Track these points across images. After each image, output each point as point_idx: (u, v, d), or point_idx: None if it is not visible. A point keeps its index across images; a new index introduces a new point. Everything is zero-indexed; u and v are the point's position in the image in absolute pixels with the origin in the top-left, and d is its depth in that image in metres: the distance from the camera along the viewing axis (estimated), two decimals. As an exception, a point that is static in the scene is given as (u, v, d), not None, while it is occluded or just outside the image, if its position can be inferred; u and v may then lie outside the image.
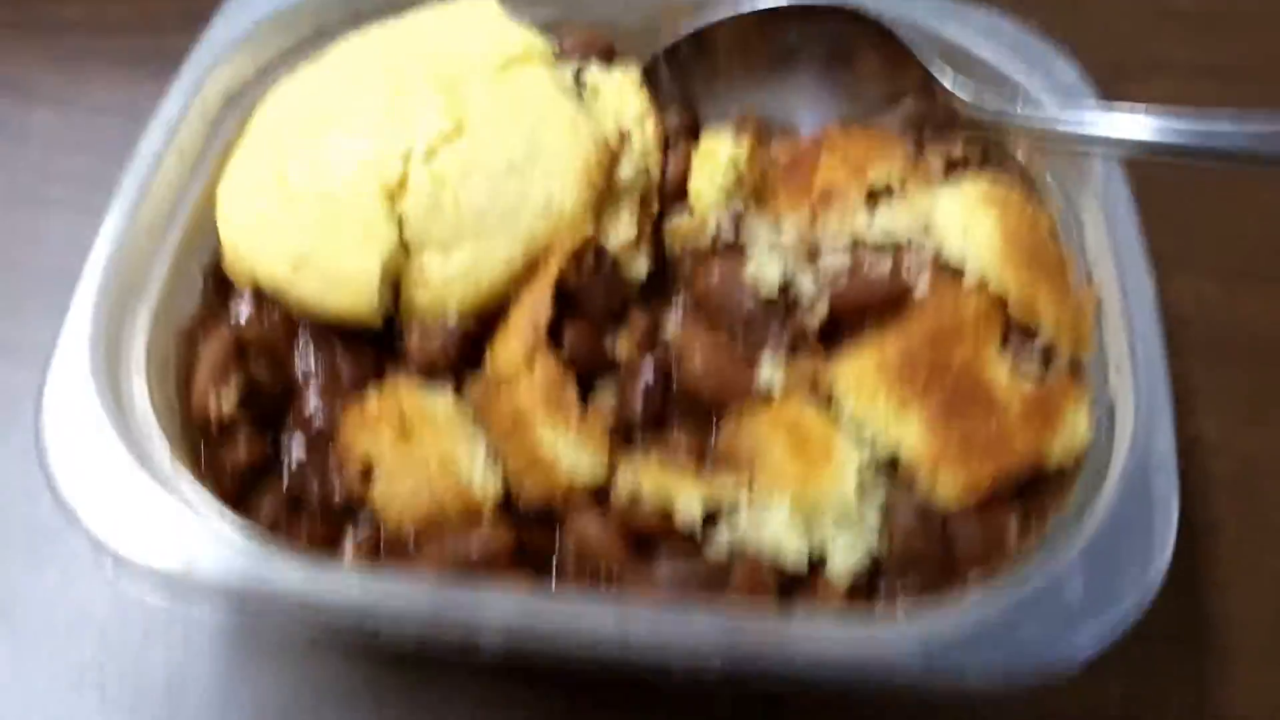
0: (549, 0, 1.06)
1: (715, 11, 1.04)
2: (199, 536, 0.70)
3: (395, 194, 0.84)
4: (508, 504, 0.79)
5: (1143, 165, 0.95)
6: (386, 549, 0.80)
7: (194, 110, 0.91)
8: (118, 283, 0.82)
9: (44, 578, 0.94)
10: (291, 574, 0.68)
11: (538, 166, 0.87)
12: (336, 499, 0.81)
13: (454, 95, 0.88)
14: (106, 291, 0.81)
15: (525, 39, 0.93)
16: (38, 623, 0.92)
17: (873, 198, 0.96)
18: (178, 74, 0.92)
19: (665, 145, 0.99)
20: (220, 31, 0.96)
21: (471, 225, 0.85)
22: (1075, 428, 0.81)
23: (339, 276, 0.82)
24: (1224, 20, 1.44)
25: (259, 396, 0.85)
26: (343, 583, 0.68)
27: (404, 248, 0.85)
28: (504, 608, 0.67)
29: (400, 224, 0.84)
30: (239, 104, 0.96)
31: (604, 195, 0.91)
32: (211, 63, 0.93)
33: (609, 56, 1.05)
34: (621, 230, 0.89)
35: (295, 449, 0.86)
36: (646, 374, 0.83)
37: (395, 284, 0.86)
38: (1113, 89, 1.25)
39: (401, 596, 0.68)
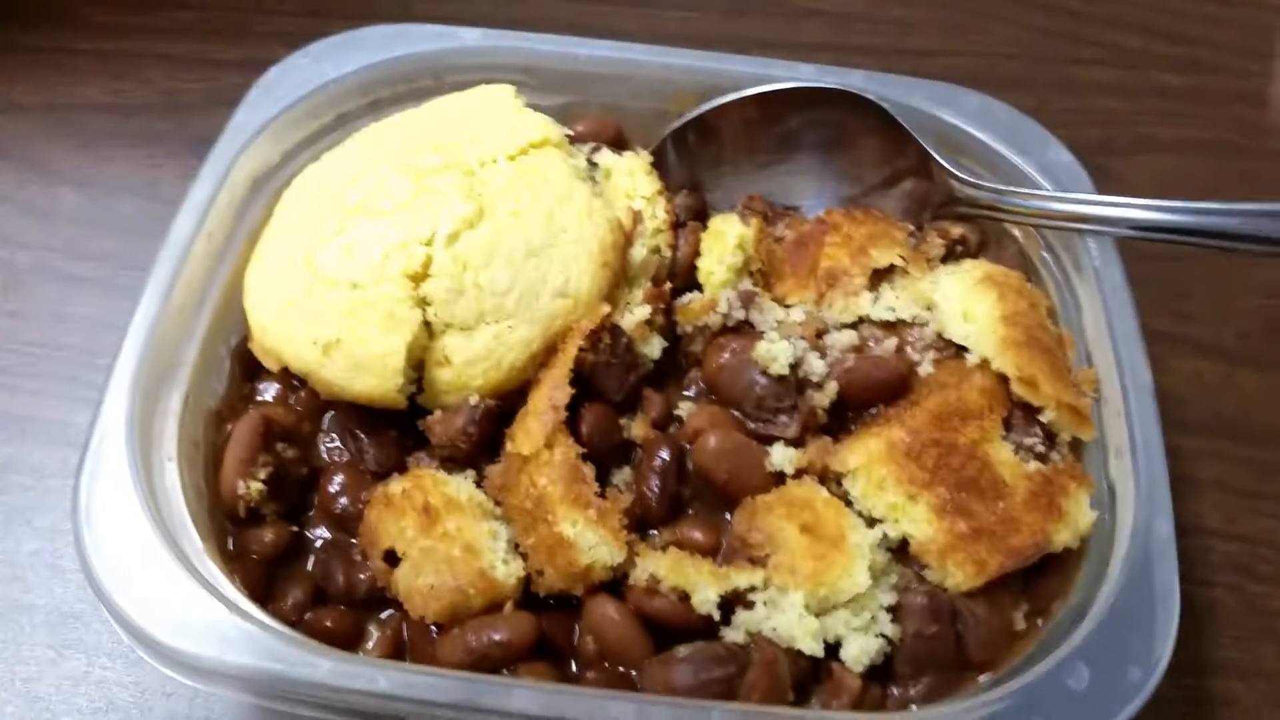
0: (562, 88, 1.10)
1: (721, 95, 1.08)
2: (228, 625, 0.72)
3: (419, 278, 0.87)
4: (528, 589, 0.82)
5: (1140, 248, 1.00)
6: (410, 635, 0.82)
7: (222, 196, 0.94)
8: (151, 366, 0.84)
9: (69, 661, 0.95)
10: (319, 665, 0.70)
11: (555, 249, 0.90)
12: (360, 592, 0.83)
13: (474, 180, 0.91)
14: (141, 374, 0.83)
15: (542, 125, 0.97)
16: (61, 706, 0.93)
17: (875, 278, 0.99)
18: (206, 159, 0.95)
19: (675, 226, 1.03)
20: (246, 118, 0.99)
21: (492, 307, 0.88)
22: (1079, 512, 0.83)
23: (366, 359, 0.85)
24: (1206, 95, 1.49)
25: (285, 480, 0.88)
26: (369, 674, 0.70)
27: (427, 330, 0.88)
28: (528, 699, 0.69)
29: (424, 307, 0.87)
30: (265, 188, 1.00)
31: (618, 275, 0.94)
32: (238, 149, 0.97)
33: (619, 142, 1.09)
34: (635, 310, 0.92)
35: (321, 531, 0.88)
36: (662, 455, 0.85)
37: (419, 365, 0.89)
38: (1103, 164, 1.30)
39: (428, 688, 0.69)
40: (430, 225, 0.88)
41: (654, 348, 0.93)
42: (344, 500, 0.87)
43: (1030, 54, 1.51)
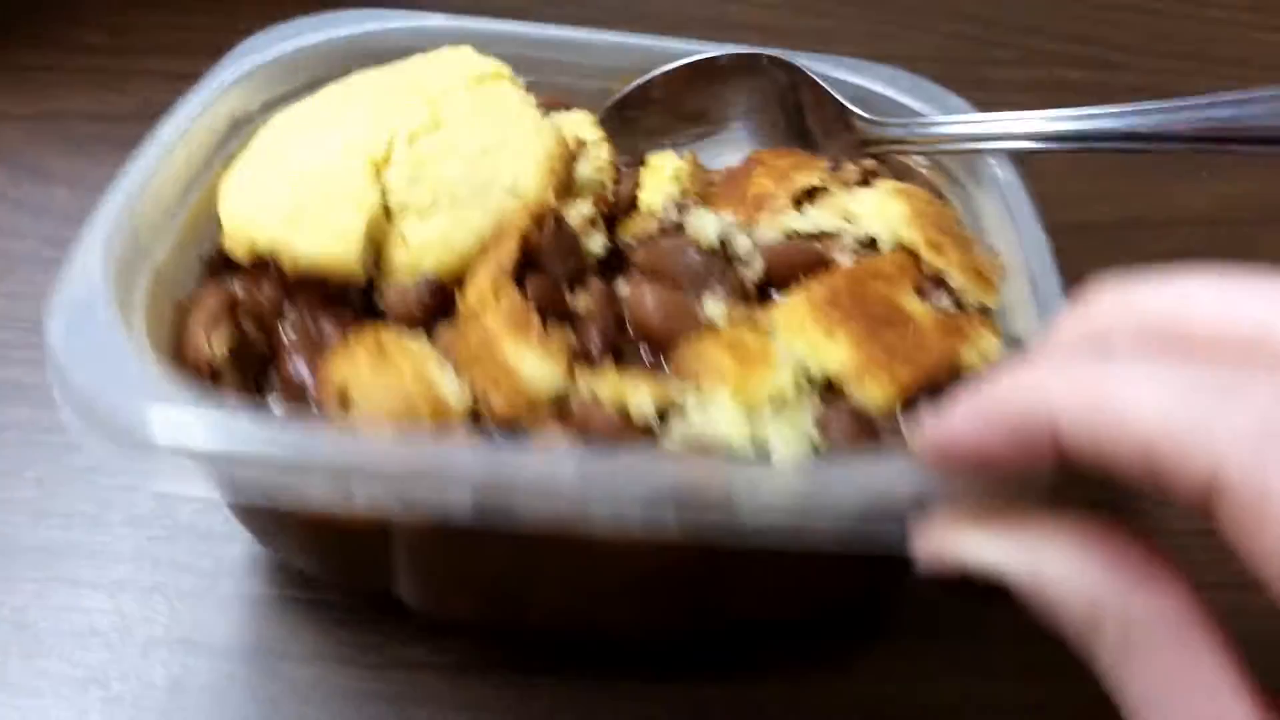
0: (520, 69, 1.20)
1: (656, 69, 1.21)
2: (200, 416, 0.76)
3: (380, 167, 0.96)
4: (476, 423, 0.86)
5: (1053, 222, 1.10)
6: (362, 466, 0.86)
7: (203, 120, 1.04)
8: (127, 234, 0.91)
9: (54, 594, 0.99)
10: (278, 437, 0.74)
11: (505, 151, 1.00)
12: None
13: (435, 103, 1.02)
14: (116, 236, 0.90)
15: (495, 64, 1.09)
16: (46, 631, 0.96)
17: (799, 202, 1.09)
18: (192, 90, 1.06)
19: (617, 169, 1.13)
20: (230, 65, 1.11)
21: (447, 197, 0.96)
22: (985, 342, 0.90)
23: (328, 230, 0.93)
24: (1110, 88, 1.65)
25: (247, 351, 0.93)
26: (325, 440, 0.74)
27: (386, 214, 0.96)
28: (473, 459, 0.73)
29: (384, 193, 0.95)
30: (242, 130, 1.09)
31: (564, 185, 1.04)
32: (220, 87, 1.07)
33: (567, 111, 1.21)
34: (582, 210, 1.01)
35: (280, 397, 0.93)
36: (604, 315, 0.92)
37: (377, 251, 0.96)
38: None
39: (376, 454, 0.73)
40: (392, 127, 0.98)
41: (596, 243, 1.01)
42: (303, 371, 0.92)
43: (947, 58, 1.70)
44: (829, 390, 0.89)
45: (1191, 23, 1.79)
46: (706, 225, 0.96)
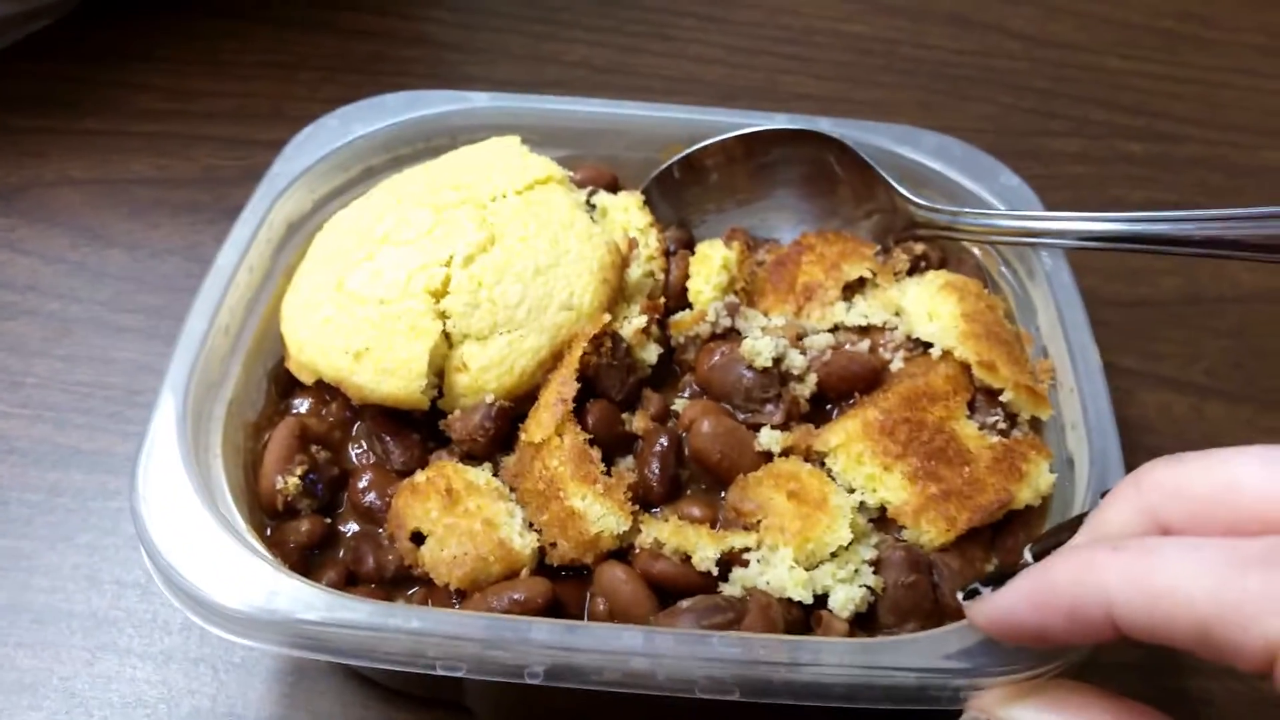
0: (563, 142, 1.23)
1: (702, 141, 1.21)
2: (274, 581, 0.80)
3: (439, 294, 0.98)
4: (542, 564, 0.90)
5: (1105, 293, 1.07)
6: (434, 604, 0.90)
7: (261, 234, 1.05)
8: (200, 376, 0.94)
9: (102, 662, 1.03)
10: (359, 608, 0.78)
11: (560, 268, 1.01)
12: (389, 571, 0.91)
13: (486, 212, 1.03)
14: (191, 382, 0.92)
15: (545, 164, 1.09)
16: (94, 702, 1.01)
17: (848, 290, 1.10)
18: (247, 204, 1.07)
19: (667, 254, 1.14)
20: (281, 169, 1.12)
21: (505, 319, 0.98)
22: (1039, 475, 0.92)
23: (393, 365, 0.95)
24: (1170, 161, 1.61)
25: (318, 479, 0.97)
26: (404, 614, 0.78)
27: (447, 340, 0.98)
28: (547, 633, 0.77)
29: (443, 319, 0.97)
30: (299, 231, 1.11)
31: (617, 293, 1.05)
32: (276, 194, 1.09)
33: (614, 187, 1.21)
34: (633, 320, 1.03)
35: (352, 525, 0.97)
36: (661, 441, 0.95)
37: (440, 374, 0.99)
38: None
39: (456, 624, 0.77)
40: (448, 249, 0.99)
41: (651, 353, 1.03)
42: (372, 495, 0.96)
43: (1002, 128, 1.65)
44: (884, 520, 0.92)
45: (1254, 94, 1.73)
46: (761, 347, 0.97)
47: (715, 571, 0.86)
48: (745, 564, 0.86)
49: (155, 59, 1.68)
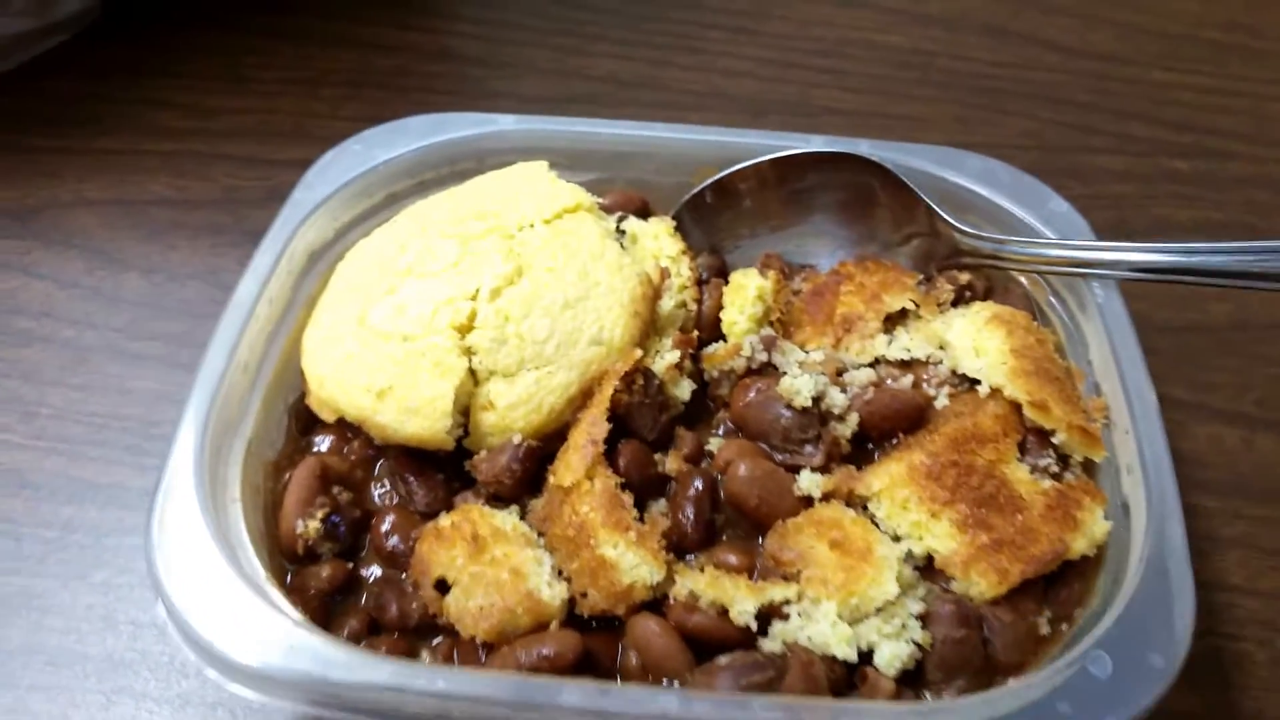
0: (592, 165, 1.19)
1: (736, 164, 1.16)
2: (294, 637, 0.77)
3: (465, 330, 0.94)
4: (572, 613, 0.86)
5: (1155, 319, 1.00)
6: (460, 657, 0.86)
7: (282, 265, 1.02)
8: (219, 412, 0.91)
9: (118, 706, 0.99)
10: (381, 667, 0.74)
11: (589, 301, 0.97)
12: (412, 620, 0.88)
13: (513, 242, 1.00)
14: (210, 419, 0.89)
15: (573, 192, 1.06)
16: None
17: (889, 322, 1.06)
18: (267, 233, 1.04)
19: (699, 283, 1.10)
20: (303, 196, 1.08)
21: (533, 355, 0.94)
22: (1094, 523, 0.87)
23: (417, 404, 0.92)
24: (1218, 179, 1.56)
25: (341, 522, 0.93)
26: (428, 675, 0.74)
27: (473, 377, 0.94)
28: (578, 695, 0.73)
29: (469, 356, 0.94)
30: (321, 260, 1.08)
31: (649, 326, 1.01)
32: (296, 224, 1.05)
33: (645, 212, 1.17)
34: (666, 355, 0.99)
35: (374, 569, 0.94)
36: (696, 484, 0.91)
37: (465, 411, 0.95)
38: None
39: (483, 686, 0.73)
40: (475, 282, 0.96)
41: (684, 390, 0.99)
42: (395, 538, 0.92)
43: (1042, 144, 1.60)
44: (930, 567, 0.88)
45: (1305, 109, 1.66)
46: (800, 385, 0.93)
47: (754, 626, 0.82)
48: (785, 617, 0.82)
49: (175, 75, 1.65)
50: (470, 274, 0.96)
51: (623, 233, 1.11)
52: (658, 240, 1.10)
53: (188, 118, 1.58)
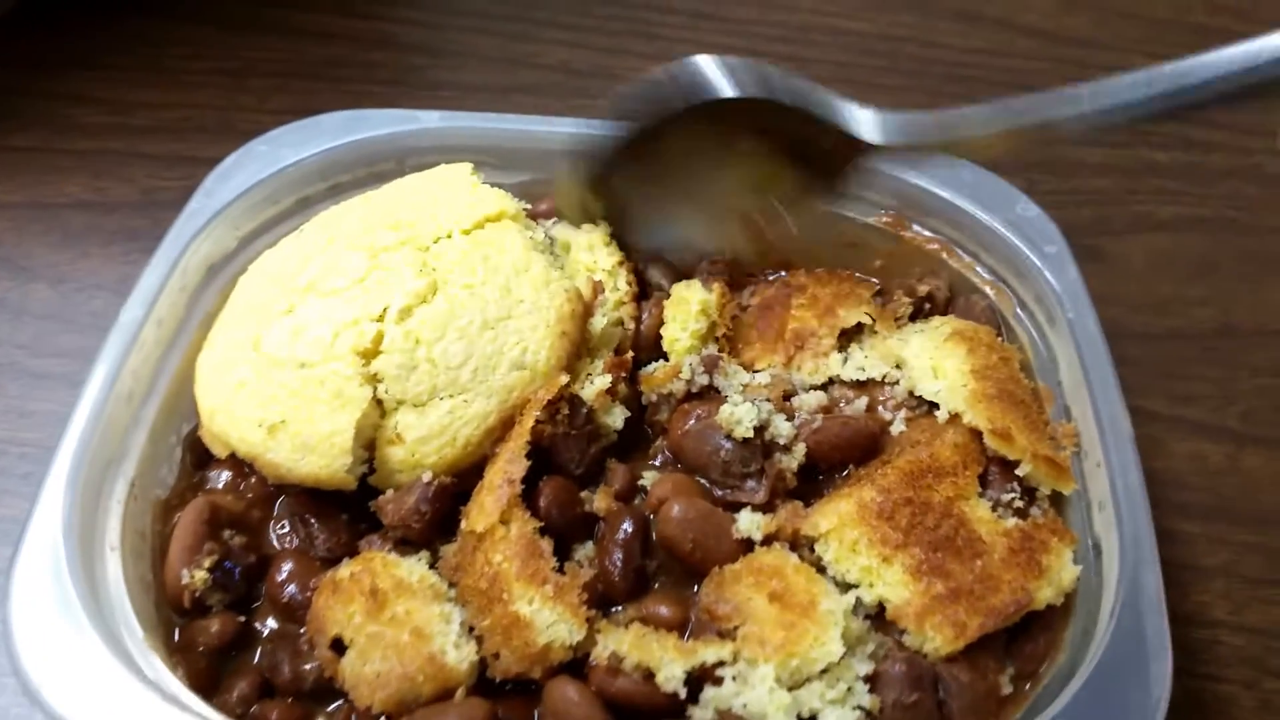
0: (524, 165, 1.09)
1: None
2: (161, 717, 0.68)
3: (370, 355, 0.85)
4: (482, 676, 0.77)
5: (1131, 325, 0.90)
6: (359, 725, 0.78)
7: (174, 281, 0.93)
8: (95, 453, 0.82)
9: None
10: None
11: (511, 321, 0.88)
12: (307, 683, 0.79)
13: (428, 255, 0.90)
14: (84, 462, 0.81)
15: (497, 199, 0.96)
16: None
17: (844, 338, 0.97)
18: (159, 247, 0.95)
19: (638, 298, 1.01)
20: (201, 205, 0.99)
21: (446, 382, 0.85)
22: (1061, 568, 0.79)
23: (313, 439, 0.83)
24: (1201, 172, 1.47)
25: (233, 570, 0.84)
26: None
27: (379, 407, 0.85)
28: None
29: (375, 384, 0.85)
30: (221, 274, 0.99)
31: (578, 346, 0.92)
32: (192, 234, 0.96)
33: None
34: (596, 380, 0.90)
35: (269, 624, 0.85)
36: (625, 528, 0.82)
37: (370, 446, 0.86)
38: (1096, 244, 1.28)
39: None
40: (382, 301, 0.87)
41: (616, 418, 0.90)
42: (292, 588, 0.83)
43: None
44: (881, 617, 0.79)
45: (1292, 103, 1.56)
46: (741, 414, 0.84)
47: (683, 692, 0.73)
48: (719, 681, 0.74)
49: (96, 66, 1.54)
50: (378, 292, 0.87)
51: (553, 241, 1.02)
52: (592, 251, 1.01)
53: (108, 113, 1.47)
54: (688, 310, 0.96)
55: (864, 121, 0.91)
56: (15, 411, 1.15)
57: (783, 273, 1.05)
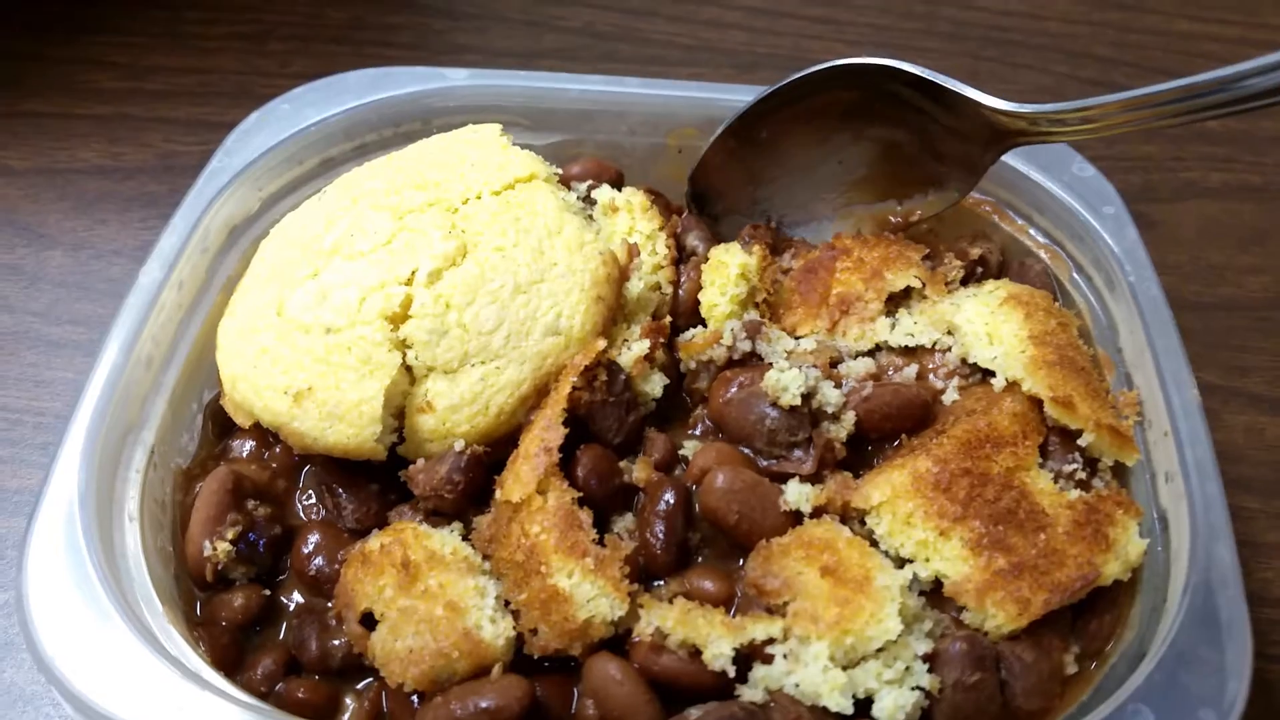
0: (556, 126, 1.05)
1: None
2: (186, 698, 0.65)
3: (399, 320, 0.81)
4: (520, 653, 0.74)
5: (1184, 295, 0.87)
6: (390, 706, 0.74)
7: (194, 244, 0.89)
8: (112, 420, 0.78)
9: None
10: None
11: (544, 285, 0.84)
12: (335, 660, 0.76)
13: (457, 217, 0.86)
14: (101, 429, 0.77)
15: (528, 160, 0.92)
16: None
17: (892, 303, 0.93)
18: (179, 207, 0.91)
19: (676, 263, 0.97)
20: (222, 164, 0.95)
21: (478, 348, 0.82)
22: (1128, 542, 0.75)
23: (340, 407, 0.79)
24: (1252, 139, 1.42)
25: (257, 542, 0.81)
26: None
27: (409, 374, 0.82)
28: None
29: (404, 350, 0.81)
30: (243, 236, 0.95)
31: (614, 311, 0.88)
32: (213, 194, 0.92)
33: (617, 182, 1.03)
34: (634, 346, 0.86)
35: (295, 598, 0.82)
36: (666, 498, 0.78)
37: (400, 414, 0.82)
38: (1144, 211, 1.23)
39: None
40: (410, 264, 0.83)
41: (655, 385, 0.86)
42: (319, 560, 0.80)
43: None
44: (938, 593, 0.75)
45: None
46: (787, 380, 0.80)
47: (732, 671, 0.69)
48: (769, 660, 0.70)
49: (111, 31, 1.50)
50: (405, 254, 0.83)
51: (591, 204, 0.98)
52: (630, 214, 0.97)
53: (123, 78, 1.44)
54: (726, 274, 0.92)
55: (1005, 111, 0.89)
56: (31, 380, 1.13)
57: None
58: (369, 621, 0.74)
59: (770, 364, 0.85)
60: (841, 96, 0.97)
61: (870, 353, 0.90)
